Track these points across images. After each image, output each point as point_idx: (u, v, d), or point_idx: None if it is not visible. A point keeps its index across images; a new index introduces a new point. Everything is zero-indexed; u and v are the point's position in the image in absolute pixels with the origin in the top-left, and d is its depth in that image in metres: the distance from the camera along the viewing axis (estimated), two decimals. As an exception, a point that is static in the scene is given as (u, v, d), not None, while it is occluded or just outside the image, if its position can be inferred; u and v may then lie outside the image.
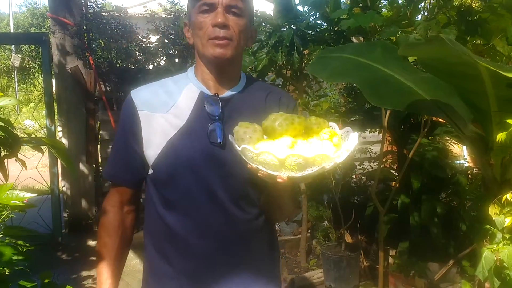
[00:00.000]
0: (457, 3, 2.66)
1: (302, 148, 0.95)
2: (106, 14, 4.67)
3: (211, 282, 1.20)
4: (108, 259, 1.28)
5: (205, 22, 1.14)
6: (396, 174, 3.62)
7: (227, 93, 1.22)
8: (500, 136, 1.45)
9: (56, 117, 4.60)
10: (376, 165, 3.75)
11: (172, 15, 4.73)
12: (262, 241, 1.29)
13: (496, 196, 1.77)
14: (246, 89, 1.26)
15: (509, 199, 1.66)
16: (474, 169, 3.67)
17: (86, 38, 4.57)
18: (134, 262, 3.97)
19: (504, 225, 1.69)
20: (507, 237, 1.74)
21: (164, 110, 1.18)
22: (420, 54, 1.88)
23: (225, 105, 1.20)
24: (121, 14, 4.60)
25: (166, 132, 1.17)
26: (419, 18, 2.77)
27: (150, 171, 1.22)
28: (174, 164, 1.16)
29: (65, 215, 4.76)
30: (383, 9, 3.32)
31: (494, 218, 1.72)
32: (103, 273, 1.27)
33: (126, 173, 1.26)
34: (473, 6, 3.27)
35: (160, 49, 4.65)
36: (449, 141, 3.90)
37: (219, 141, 1.16)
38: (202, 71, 1.22)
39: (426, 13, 2.68)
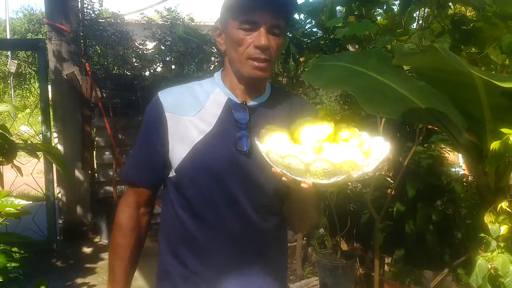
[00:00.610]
0: (451, 12, 2.68)
1: (329, 154, 0.91)
2: (102, 20, 4.68)
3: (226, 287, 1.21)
4: (121, 259, 1.28)
5: (245, 40, 1.13)
6: (391, 181, 3.62)
7: (253, 102, 1.22)
8: (494, 145, 1.46)
9: (52, 123, 4.60)
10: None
11: (168, 22, 4.74)
12: (278, 251, 1.30)
13: (491, 204, 1.78)
14: (271, 99, 1.26)
15: (504, 207, 1.67)
16: (470, 177, 3.68)
17: (82, 44, 4.57)
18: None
19: (499, 234, 1.70)
20: (502, 245, 1.75)
21: (191, 114, 1.19)
22: (415, 64, 1.90)
23: (252, 114, 1.20)
24: (118, 21, 4.61)
25: (192, 137, 1.17)
26: (414, 27, 2.79)
27: (172, 174, 1.21)
28: (198, 169, 1.16)
29: (60, 221, 4.74)
30: (379, 17, 3.34)
31: (489, 227, 1.73)
32: (116, 273, 1.27)
33: (147, 174, 1.26)
34: (468, 15, 3.30)
35: (156, 56, 4.66)
36: (444, 149, 3.91)
37: (245, 149, 1.16)
38: (231, 80, 1.22)
39: (421, 22, 2.69)
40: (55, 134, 4.63)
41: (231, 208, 1.17)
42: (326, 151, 0.93)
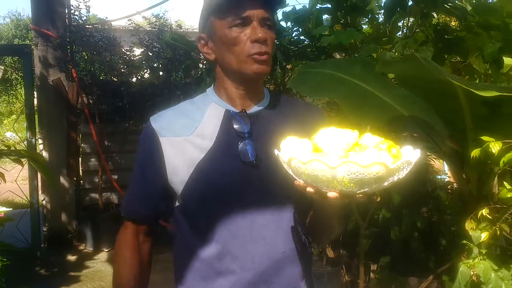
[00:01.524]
0: (435, 22, 2.72)
1: (357, 158, 0.80)
2: (90, 26, 4.66)
3: None
4: None
5: (240, 38, 1.05)
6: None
7: (254, 109, 1.13)
8: (475, 153, 1.48)
9: (37, 129, 4.55)
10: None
11: (156, 29, 4.74)
12: (301, 270, 1.15)
13: (473, 212, 1.80)
14: (272, 104, 1.17)
15: (485, 214, 1.69)
16: (454, 184, 3.72)
17: (69, 50, 4.54)
18: (114, 277, 3.91)
19: (480, 240, 1.72)
20: (484, 252, 1.77)
21: (187, 133, 1.10)
22: (397, 71, 1.92)
23: (253, 121, 1.11)
24: (105, 27, 4.59)
25: (193, 157, 1.08)
26: (399, 35, 2.83)
27: (178, 202, 1.13)
28: (205, 190, 1.07)
29: (45, 229, 4.68)
30: (365, 26, 3.38)
31: (470, 233, 1.75)
32: None
33: (145, 208, 1.18)
34: (452, 24, 3.35)
35: (144, 62, 4.65)
36: (429, 156, 3.95)
37: (251, 160, 1.07)
38: (227, 89, 1.13)
39: (405, 31, 2.73)
40: (40, 141, 4.58)
41: (247, 227, 1.07)
42: (356, 156, 0.83)
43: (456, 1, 2.49)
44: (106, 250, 4.52)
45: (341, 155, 0.83)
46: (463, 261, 1.77)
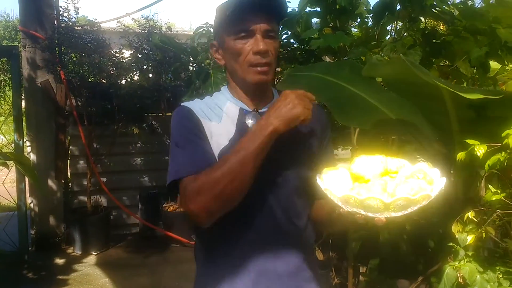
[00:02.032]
0: (423, 26, 2.74)
1: (403, 190, 0.97)
2: (78, 28, 4.63)
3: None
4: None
5: (244, 49, 1.16)
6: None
7: (264, 108, 1.24)
8: (460, 156, 1.49)
9: (25, 131, 4.51)
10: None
11: (146, 31, 4.72)
12: (308, 257, 1.29)
13: (460, 214, 1.81)
14: None
15: (470, 217, 1.70)
16: (443, 187, 3.74)
17: (57, 52, 4.51)
18: (102, 281, 3.88)
19: (466, 243, 1.73)
20: (470, 254, 1.78)
21: (217, 120, 1.22)
22: (384, 75, 1.93)
23: None
24: (94, 29, 4.56)
25: (220, 141, 1.19)
26: (388, 39, 2.84)
27: None
28: None
29: (32, 232, 4.63)
30: (355, 30, 3.39)
31: (457, 236, 1.76)
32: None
33: (200, 163, 1.14)
34: (441, 28, 3.38)
35: (133, 64, 4.63)
36: (418, 159, 3.97)
37: None
38: (237, 91, 1.26)
39: (394, 35, 2.75)
40: (28, 143, 4.54)
41: (260, 208, 1.19)
42: (398, 188, 0.98)
43: (444, 6, 2.51)
44: (95, 253, 4.49)
45: (383, 186, 0.99)
46: (449, 263, 1.78)
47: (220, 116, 1.23)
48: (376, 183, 0.99)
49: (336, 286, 3.51)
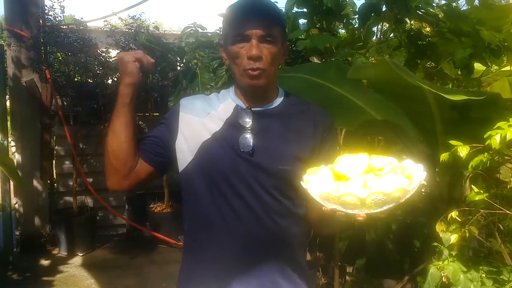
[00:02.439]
0: (408, 27, 2.76)
1: (380, 185, 0.98)
2: (64, 27, 4.58)
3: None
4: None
5: (240, 53, 1.21)
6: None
7: (262, 107, 1.29)
8: (444, 156, 1.51)
9: (10, 131, 4.45)
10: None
11: (133, 30, 4.68)
12: (292, 252, 1.31)
13: (444, 214, 1.83)
14: (281, 106, 1.32)
15: (454, 217, 1.72)
16: (428, 187, 3.78)
17: (43, 51, 4.46)
18: (88, 282, 3.85)
19: (450, 242, 1.75)
20: (454, 254, 1.80)
21: (203, 115, 1.29)
22: (369, 77, 1.94)
23: (257, 118, 1.27)
24: (80, 28, 4.52)
25: (202, 135, 1.26)
26: (374, 40, 2.86)
27: (182, 168, 1.29)
28: (209, 166, 1.25)
29: (17, 233, 4.56)
30: (343, 31, 3.41)
31: (441, 236, 1.78)
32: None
33: (148, 152, 1.31)
34: (427, 30, 3.41)
35: (120, 63, 4.58)
36: (405, 158, 4.00)
37: (248, 150, 1.22)
38: (238, 90, 1.32)
39: (380, 36, 2.77)
40: (12, 143, 4.48)
41: (238, 206, 1.22)
42: (376, 183, 0.99)
43: (429, 8, 2.53)
44: (80, 254, 4.45)
45: (362, 183, 0.99)
46: (434, 263, 1.80)
47: (206, 112, 1.29)
48: (355, 180, 1.00)
49: (323, 286, 3.53)
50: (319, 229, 1.38)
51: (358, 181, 0.99)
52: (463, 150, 1.43)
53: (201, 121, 1.28)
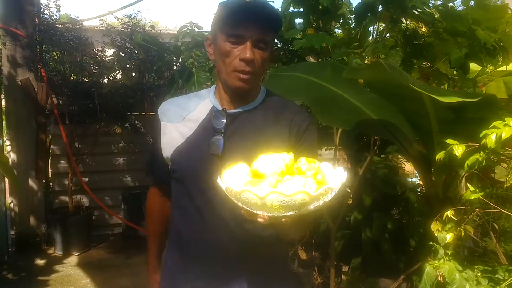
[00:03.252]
0: (404, 27, 2.77)
1: (284, 186, 0.91)
2: (60, 26, 4.57)
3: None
4: (156, 247, 1.49)
5: (232, 53, 1.19)
6: (349, 191, 3.68)
7: (236, 110, 1.28)
8: (439, 156, 1.51)
9: (5, 130, 4.43)
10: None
11: (129, 29, 4.67)
12: (267, 254, 1.30)
13: (439, 213, 1.83)
14: (259, 107, 1.31)
15: (450, 216, 1.72)
16: (424, 186, 3.79)
17: (38, 50, 4.44)
18: (83, 282, 3.84)
19: (446, 241, 1.75)
20: (449, 253, 1.80)
21: (177, 121, 1.30)
22: (364, 77, 1.95)
23: (231, 121, 1.27)
24: (76, 27, 4.50)
25: (176, 141, 1.28)
26: (370, 40, 2.86)
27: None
28: (180, 170, 1.28)
29: (12, 232, 4.55)
30: (339, 31, 3.41)
31: (436, 235, 1.78)
32: (153, 262, 1.49)
33: (157, 170, 1.41)
34: (423, 30, 3.42)
35: (116, 63, 4.58)
36: (400, 159, 4.01)
37: (218, 152, 1.22)
38: (220, 91, 1.30)
39: (376, 36, 2.77)
40: (8, 142, 4.46)
41: (210, 210, 1.24)
42: (283, 184, 0.92)
43: (425, 8, 2.54)
44: (76, 254, 4.44)
45: (273, 183, 0.92)
46: (429, 262, 1.80)
47: (182, 117, 1.30)
48: (268, 179, 0.94)
49: (319, 286, 3.53)
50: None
51: (270, 181, 0.93)
52: (458, 149, 1.43)
53: (176, 127, 1.30)
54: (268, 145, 1.19)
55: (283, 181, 0.93)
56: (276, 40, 3.26)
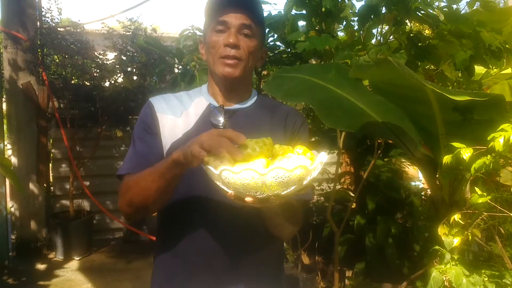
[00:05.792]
0: (408, 29, 2.75)
1: (281, 163, 0.92)
2: (61, 29, 4.56)
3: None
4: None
5: (217, 41, 1.20)
6: (352, 195, 3.65)
7: (234, 106, 1.29)
8: (446, 159, 1.48)
9: (6, 134, 4.41)
10: (333, 185, 3.77)
11: (130, 32, 4.66)
12: (264, 240, 1.28)
13: (445, 217, 1.80)
14: (254, 106, 1.32)
15: (457, 220, 1.69)
16: (428, 190, 3.76)
17: (39, 53, 4.43)
18: (84, 287, 3.81)
19: (453, 246, 1.72)
20: (456, 257, 1.77)
21: (177, 115, 1.27)
22: (371, 77, 1.92)
23: (229, 117, 1.26)
24: (78, 30, 4.50)
25: (174, 134, 1.24)
26: (374, 42, 2.84)
27: None
28: None
29: (13, 237, 4.54)
30: (342, 33, 3.39)
31: (443, 239, 1.75)
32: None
33: (140, 164, 1.23)
34: (427, 32, 3.40)
35: (117, 66, 4.57)
36: (404, 163, 3.98)
37: None
38: (213, 87, 1.30)
39: (379, 38, 2.75)
40: (9, 146, 4.45)
41: (207, 207, 1.21)
42: (278, 163, 0.93)
43: (430, 10, 2.52)
44: (77, 258, 4.41)
45: (264, 163, 0.92)
46: (436, 266, 1.77)
47: (181, 111, 1.28)
48: (258, 161, 0.93)
49: (322, 290, 3.50)
50: (272, 232, 1.28)
51: (261, 162, 0.93)
52: (466, 153, 1.40)
53: (174, 120, 1.27)
54: None
55: (273, 161, 0.95)
56: (278, 43, 3.25)
